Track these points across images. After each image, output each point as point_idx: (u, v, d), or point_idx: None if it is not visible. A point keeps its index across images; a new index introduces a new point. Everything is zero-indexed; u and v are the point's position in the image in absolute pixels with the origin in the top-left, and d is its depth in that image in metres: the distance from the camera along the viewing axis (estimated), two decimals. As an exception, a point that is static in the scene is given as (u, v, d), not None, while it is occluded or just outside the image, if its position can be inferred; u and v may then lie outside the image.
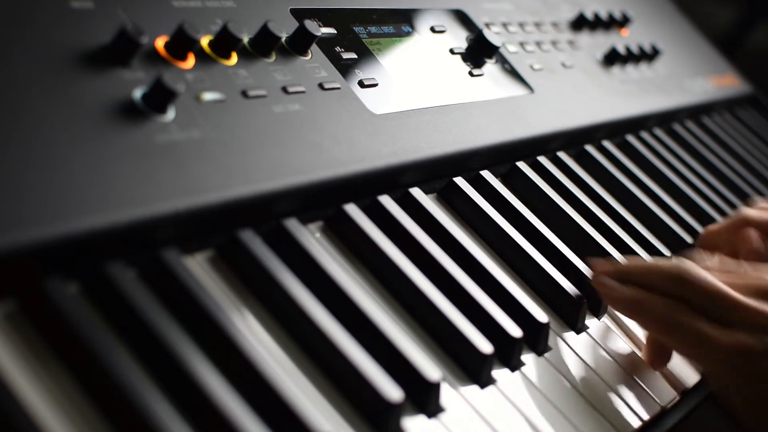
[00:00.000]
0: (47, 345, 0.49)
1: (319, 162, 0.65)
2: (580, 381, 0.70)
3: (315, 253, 0.63)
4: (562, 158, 0.92)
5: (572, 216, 0.85)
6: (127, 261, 0.54)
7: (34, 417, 0.46)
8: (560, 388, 0.68)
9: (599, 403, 0.69)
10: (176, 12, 0.67)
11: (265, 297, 0.60)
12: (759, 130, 1.36)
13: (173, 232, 0.57)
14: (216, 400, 0.50)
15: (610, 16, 1.16)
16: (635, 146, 1.04)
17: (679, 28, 1.37)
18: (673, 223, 0.95)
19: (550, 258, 0.77)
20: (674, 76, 1.21)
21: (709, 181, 1.10)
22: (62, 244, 0.50)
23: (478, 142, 0.80)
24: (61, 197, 0.51)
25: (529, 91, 0.92)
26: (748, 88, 1.40)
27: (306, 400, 0.54)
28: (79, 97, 0.57)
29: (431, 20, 0.90)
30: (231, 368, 0.53)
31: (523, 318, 0.69)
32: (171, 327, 0.52)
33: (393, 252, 0.67)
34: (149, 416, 0.47)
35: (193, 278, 0.56)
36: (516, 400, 0.65)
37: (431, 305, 0.65)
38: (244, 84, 0.66)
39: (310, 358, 0.58)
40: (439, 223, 0.73)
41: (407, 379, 0.59)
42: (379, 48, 0.81)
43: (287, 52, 0.72)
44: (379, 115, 0.73)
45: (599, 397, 0.69)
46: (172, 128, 0.59)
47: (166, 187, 0.56)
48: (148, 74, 0.61)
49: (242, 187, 0.60)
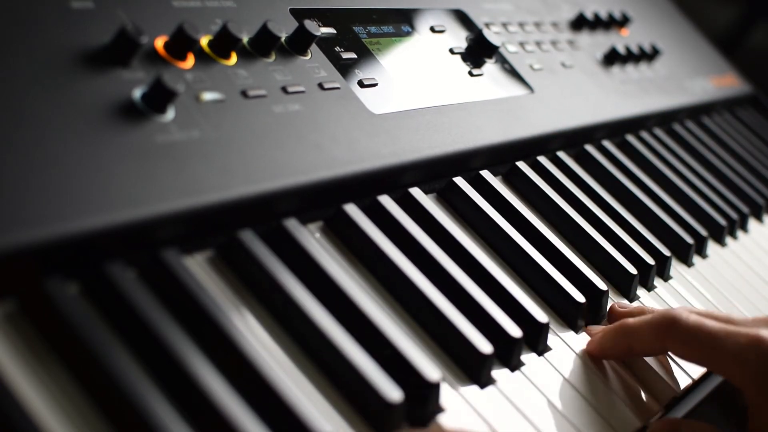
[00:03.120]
0: (47, 345, 0.49)
1: (319, 162, 0.65)
2: (579, 381, 0.69)
3: (315, 253, 0.63)
4: (562, 158, 0.92)
5: (572, 216, 0.85)
6: (127, 261, 0.54)
7: (34, 417, 0.46)
8: (560, 388, 0.68)
9: (599, 403, 0.69)
10: (176, 12, 0.67)
11: (265, 297, 0.60)
12: (759, 130, 1.36)
13: (173, 232, 0.57)
14: (216, 401, 0.50)
15: (610, 16, 1.16)
16: (635, 146, 1.04)
17: (679, 28, 1.37)
18: (673, 223, 0.95)
19: (549, 258, 0.77)
20: (674, 76, 1.21)
21: (709, 181, 1.10)
22: (62, 244, 0.50)
23: (478, 142, 0.80)
24: (61, 197, 0.51)
25: (529, 91, 0.92)
26: (748, 88, 1.40)
27: (306, 400, 0.54)
28: (79, 97, 0.57)
29: (431, 20, 0.90)
30: (231, 368, 0.53)
31: (523, 318, 0.69)
32: (171, 327, 0.52)
33: (393, 252, 0.67)
34: (149, 416, 0.47)
35: (193, 278, 0.56)
36: (516, 400, 0.65)
37: (431, 305, 0.65)
38: (243, 84, 0.66)
39: (310, 358, 0.58)
40: (439, 223, 0.73)
41: (407, 380, 0.59)
42: (379, 48, 0.81)
43: (287, 52, 0.72)
44: (378, 115, 0.73)
45: (599, 397, 0.69)
46: (172, 128, 0.59)
47: (166, 187, 0.56)
48: (148, 74, 0.61)
49: (242, 187, 0.60)
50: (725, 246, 1.01)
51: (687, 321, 0.68)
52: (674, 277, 0.90)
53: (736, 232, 1.05)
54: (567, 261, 0.78)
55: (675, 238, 0.93)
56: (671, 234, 0.94)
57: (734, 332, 0.67)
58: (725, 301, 0.91)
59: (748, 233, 1.08)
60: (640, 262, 0.85)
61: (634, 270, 0.82)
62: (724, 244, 1.01)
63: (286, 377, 0.55)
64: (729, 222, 1.04)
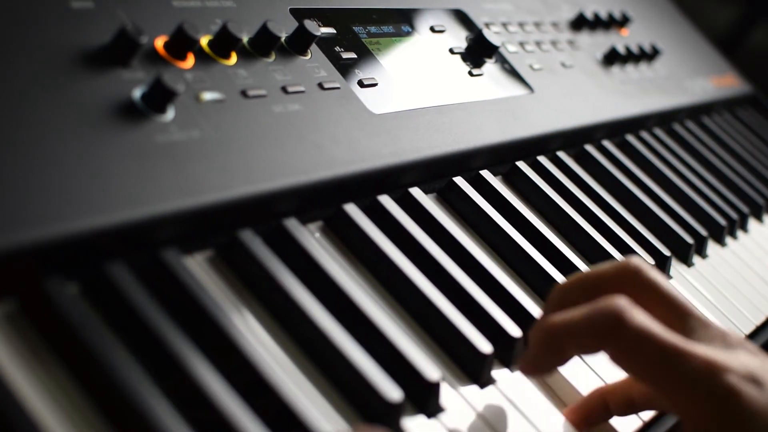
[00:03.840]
0: (47, 345, 0.49)
1: (319, 162, 0.65)
2: (580, 381, 0.69)
3: (315, 253, 0.63)
4: (562, 158, 0.92)
5: (572, 216, 0.85)
6: (127, 261, 0.54)
7: (33, 417, 0.46)
8: (560, 387, 0.68)
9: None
10: (176, 12, 0.67)
11: (264, 297, 0.60)
12: (759, 130, 1.36)
13: (173, 232, 0.57)
14: (216, 401, 0.50)
15: (610, 16, 1.17)
16: (635, 146, 1.04)
17: (679, 28, 1.37)
18: (673, 222, 0.95)
19: (550, 258, 0.77)
20: (674, 76, 1.21)
21: (709, 181, 1.10)
22: (62, 244, 0.50)
23: (478, 142, 0.80)
24: (61, 197, 0.51)
25: (528, 91, 0.92)
26: (748, 88, 1.40)
27: (306, 400, 0.54)
28: (79, 97, 0.57)
29: (431, 20, 0.90)
30: (231, 368, 0.53)
31: (523, 318, 0.69)
32: (171, 327, 0.52)
33: (393, 252, 0.67)
34: (149, 416, 0.47)
35: (193, 278, 0.56)
36: (516, 400, 0.65)
37: (431, 305, 0.65)
38: (243, 84, 0.66)
39: (310, 358, 0.58)
40: (439, 223, 0.73)
41: (407, 379, 0.59)
42: (379, 48, 0.81)
43: (287, 51, 0.72)
44: (378, 114, 0.73)
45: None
46: (172, 128, 0.59)
47: (166, 187, 0.56)
48: (148, 74, 0.61)
49: (242, 187, 0.60)
50: (725, 246, 1.01)
51: (633, 323, 0.56)
52: (674, 277, 0.90)
53: (736, 232, 1.05)
54: (567, 261, 0.78)
55: (675, 238, 0.93)
56: (671, 234, 0.94)
57: (688, 352, 0.56)
58: (725, 301, 0.91)
59: (748, 233, 1.08)
60: (640, 262, 0.85)
61: (634, 270, 0.82)
62: (724, 244, 1.01)
63: (286, 377, 0.55)
64: (729, 222, 1.04)
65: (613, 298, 0.58)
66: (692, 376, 0.55)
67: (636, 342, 0.56)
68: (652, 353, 0.56)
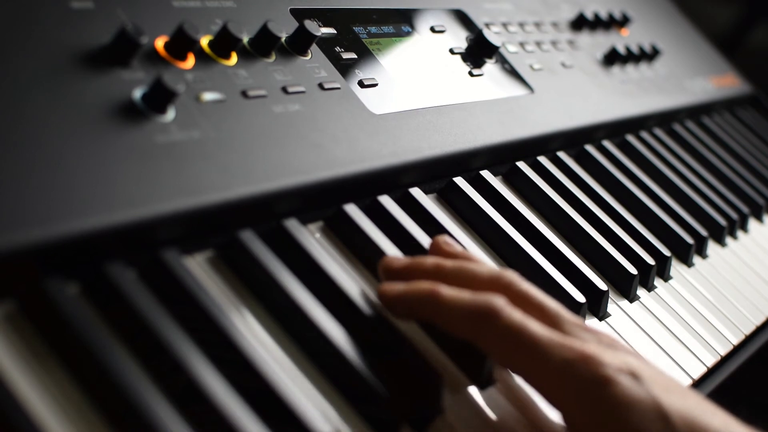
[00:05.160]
0: (47, 345, 0.49)
1: (319, 162, 0.65)
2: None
3: (315, 253, 0.63)
4: (562, 158, 0.92)
5: (572, 216, 0.85)
6: (127, 261, 0.54)
7: (33, 417, 0.46)
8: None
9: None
10: (176, 12, 0.67)
11: (265, 297, 0.60)
12: (759, 130, 1.36)
13: (173, 232, 0.57)
14: (216, 401, 0.50)
15: (610, 16, 1.17)
16: (635, 146, 1.04)
17: (679, 28, 1.37)
18: (673, 223, 0.95)
19: (549, 258, 0.77)
20: (674, 76, 1.21)
21: (709, 181, 1.10)
22: (62, 244, 0.50)
23: (478, 142, 0.80)
24: (61, 197, 0.51)
25: (529, 91, 0.92)
26: (748, 88, 1.40)
27: (306, 400, 0.54)
28: (79, 97, 0.57)
29: (431, 20, 0.90)
30: (231, 368, 0.53)
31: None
32: (171, 327, 0.52)
33: (393, 252, 0.67)
34: (149, 416, 0.47)
35: (193, 278, 0.56)
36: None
37: (431, 305, 0.65)
38: (244, 84, 0.66)
39: (310, 358, 0.58)
40: (438, 223, 0.73)
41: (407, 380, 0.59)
42: (379, 48, 0.81)
43: (287, 52, 0.72)
44: (379, 115, 0.73)
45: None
46: (172, 128, 0.59)
47: (166, 187, 0.56)
48: (148, 74, 0.61)
49: (242, 187, 0.60)
50: (725, 246, 1.01)
51: (509, 317, 0.57)
52: (674, 277, 0.90)
53: (736, 232, 1.05)
54: (567, 261, 0.78)
55: (675, 238, 0.93)
56: (671, 234, 0.94)
57: (561, 343, 0.56)
58: (725, 301, 0.91)
59: (748, 233, 1.08)
60: (640, 262, 0.85)
61: (634, 270, 0.82)
62: (724, 244, 1.01)
63: (286, 377, 0.55)
64: (729, 222, 1.04)
65: (493, 296, 0.58)
66: (565, 367, 0.55)
67: (510, 334, 0.56)
68: (526, 345, 0.56)
